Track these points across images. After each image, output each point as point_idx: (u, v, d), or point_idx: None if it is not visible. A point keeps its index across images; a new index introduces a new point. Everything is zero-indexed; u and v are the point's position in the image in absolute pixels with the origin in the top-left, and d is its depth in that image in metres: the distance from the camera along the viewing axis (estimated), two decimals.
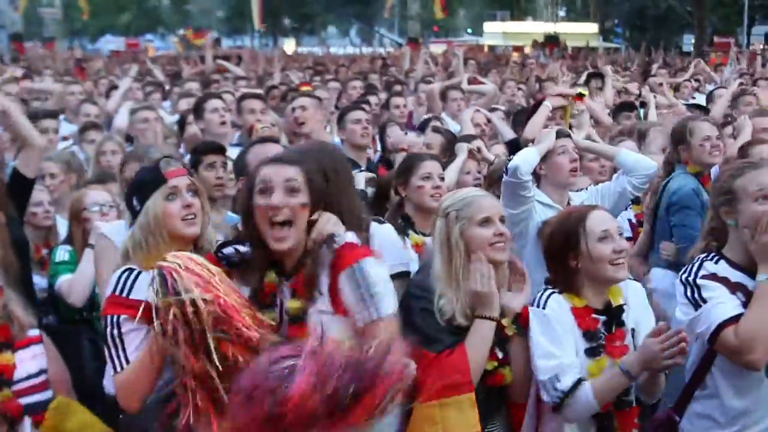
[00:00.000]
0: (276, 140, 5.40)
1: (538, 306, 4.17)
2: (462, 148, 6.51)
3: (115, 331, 3.60)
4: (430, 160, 5.45)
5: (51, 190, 6.56)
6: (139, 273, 3.70)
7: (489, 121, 8.78)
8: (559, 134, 5.88)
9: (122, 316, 3.60)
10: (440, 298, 4.05)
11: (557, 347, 4.07)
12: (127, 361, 3.56)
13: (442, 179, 5.39)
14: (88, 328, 5.77)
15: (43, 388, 3.92)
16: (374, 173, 6.97)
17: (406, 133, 9.47)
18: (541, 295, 4.21)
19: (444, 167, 5.68)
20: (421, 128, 9.02)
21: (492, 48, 49.92)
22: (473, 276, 4.02)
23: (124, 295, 3.66)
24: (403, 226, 5.21)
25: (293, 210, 3.50)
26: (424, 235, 5.13)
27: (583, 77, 13.17)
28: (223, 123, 7.44)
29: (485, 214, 4.14)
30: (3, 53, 34.97)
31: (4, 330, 3.88)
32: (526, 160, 5.60)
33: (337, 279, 3.53)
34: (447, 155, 6.85)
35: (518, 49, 42.42)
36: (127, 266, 3.76)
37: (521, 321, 4.15)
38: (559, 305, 4.15)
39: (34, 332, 4.03)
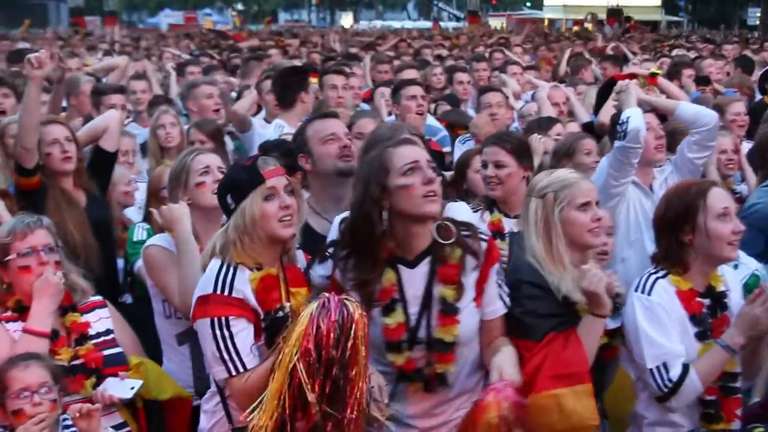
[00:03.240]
0: (336, 115, 5.24)
1: (642, 291, 4.02)
2: (537, 150, 6.12)
3: (226, 333, 3.50)
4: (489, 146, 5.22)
5: (127, 167, 6.55)
6: (235, 268, 3.58)
7: (567, 99, 8.43)
8: None
9: (231, 317, 3.51)
10: (553, 278, 3.91)
11: (663, 334, 3.93)
12: (243, 365, 3.49)
13: (499, 167, 5.08)
14: None
15: (115, 344, 4.23)
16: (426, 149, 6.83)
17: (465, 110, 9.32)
18: (646, 280, 4.06)
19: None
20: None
21: (552, 21, 49.33)
22: (585, 277, 3.81)
23: (226, 293, 3.52)
24: (488, 203, 5.16)
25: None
26: (506, 216, 5.07)
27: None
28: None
29: (585, 198, 4.00)
30: (64, 26, 35.35)
31: (66, 295, 4.16)
32: (642, 122, 5.40)
33: (489, 271, 3.73)
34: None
35: (579, 22, 41.82)
36: (220, 260, 3.62)
37: None
38: (665, 290, 4.00)
39: (97, 298, 4.35)
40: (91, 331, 4.20)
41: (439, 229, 3.68)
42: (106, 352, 4.16)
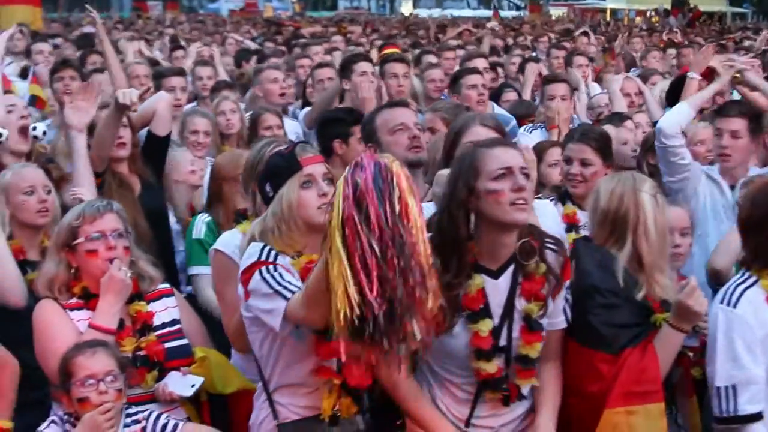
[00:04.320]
0: (406, 103, 5.11)
1: (728, 304, 3.80)
2: None
3: (274, 273, 3.42)
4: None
5: (198, 147, 6.48)
6: (276, 253, 3.51)
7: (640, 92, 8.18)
8: None
9: (277, 264, 3.46)
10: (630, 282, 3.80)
11: (742, 354, 3.73)
12: (297, 287, 3.37)
13: (585, 165, 5.02)
14: None
15: (180, 335, 4.15)
16: None
17: (534, 99, 9.14)
18: (732, 291, 3.83)
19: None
20: None
21: (614, 12, 48.69)
22: (693, 295, 3.70)
23: (270, 260, 3.48)
24: (560, 195, 5.09)
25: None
26: (580, 208, 4.97)
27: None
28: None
29: None
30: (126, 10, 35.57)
31: (133, 283, 4.08)
32: (673, 119, 5.33)
33: (561, 287, 3.65)
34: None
35: (642, 13, 41.28)
36: (262, 243, 3.55)
37: None
38: (752, 303, 3.77)
39: (164, 286, 4.27)
40: (156, 321, 4.13)
41: (523, 247, 3.55)
42: (169, 345, 4.08)
